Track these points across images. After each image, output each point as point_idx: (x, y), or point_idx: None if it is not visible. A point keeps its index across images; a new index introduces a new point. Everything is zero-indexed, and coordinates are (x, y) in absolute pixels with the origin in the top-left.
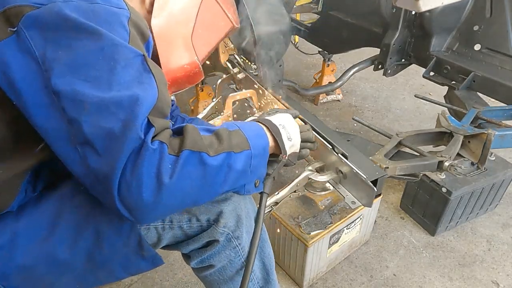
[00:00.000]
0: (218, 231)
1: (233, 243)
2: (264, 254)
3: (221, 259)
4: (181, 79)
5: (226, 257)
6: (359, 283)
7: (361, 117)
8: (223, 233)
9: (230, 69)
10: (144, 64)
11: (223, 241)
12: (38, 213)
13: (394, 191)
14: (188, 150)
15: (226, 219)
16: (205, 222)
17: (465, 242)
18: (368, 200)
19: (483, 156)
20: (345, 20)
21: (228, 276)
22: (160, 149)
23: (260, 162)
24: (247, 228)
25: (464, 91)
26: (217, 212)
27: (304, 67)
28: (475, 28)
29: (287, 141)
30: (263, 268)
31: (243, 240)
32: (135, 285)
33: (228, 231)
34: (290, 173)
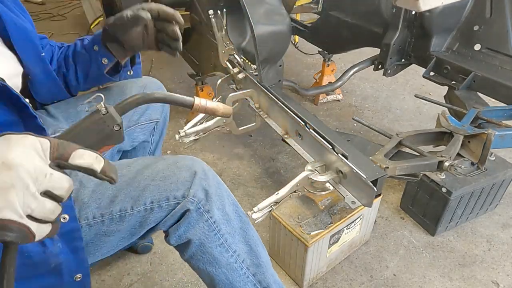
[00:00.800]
0: (189, 200)
1: (205, 216)
2: (248, 236)
3: (196, 232)
4: None
5: (200, 231)
6: (359, 283)
7: (361, 117)
8: (193, 202)
9: (230, 69)
10: None
11: (193, 211)
12: None
13: (394, 191)
14: None
15: (195, 190)
16: (180, 198)
17: (465, 242)
18: (368, 200)
19: (483, 156)
20: (345, 20)
21: (210, 254)
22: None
23: None
24: (218, 206)
25: (464, 91)
26: (187, 186)
27: (304, 67)
28: (475, 28)
29: None
30: (250, 252)
31: (215, 216)
32: (135, 285)
33: (197, 201)
34: (290, 173)
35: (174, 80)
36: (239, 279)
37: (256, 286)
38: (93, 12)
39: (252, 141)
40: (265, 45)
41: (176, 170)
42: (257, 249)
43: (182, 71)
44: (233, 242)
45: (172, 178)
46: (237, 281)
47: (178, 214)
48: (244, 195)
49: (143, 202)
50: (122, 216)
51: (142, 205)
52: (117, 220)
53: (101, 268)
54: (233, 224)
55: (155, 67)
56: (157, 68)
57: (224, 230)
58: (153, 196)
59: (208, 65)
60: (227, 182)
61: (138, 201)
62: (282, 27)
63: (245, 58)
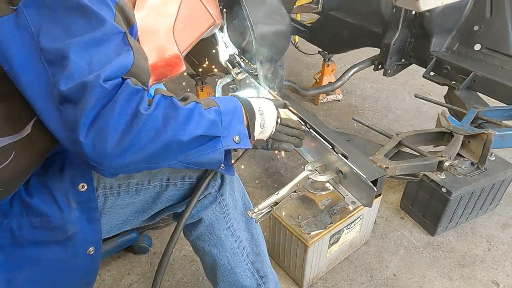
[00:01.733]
0: (210, 185)
1: (218, 199)
2: (251, 224)
3: (208, 213)
4: (162, 69)
5: (212, 212)
6: (359, 283)
7: (361, 117)
8: (213, 185)
9: (230, 69)
10: (124, 39)
11: (213, 194)
12: None
13: (394, 191)
14: (159, 95)
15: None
16: (195, 179)
17: (465, 242)
18: (368, 200)
19: (483, 156)
20: (345, 20)
21: (217, 236)
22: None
23: (233, 119)
24: (229, 191)
25: (464, 91)
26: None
27: (304, 67)
28: (475, 28)
29: (259, 127)
30: (251, 240)
31: (227, 200)
32: (135, 285)
33: (217, 184)
34: (290, 173)
35: (174, 80)
36: (239, 265)
37: (253, 274)
38: None
39: None
40: (265, 45)
41: None
42: (258, 238)
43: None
44: (238, 228)
45: None
46: (237, 266)
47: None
48: None
49: (160, 178)
50: (138, 190)
51: (158, 180)
52: (133, 193)
53: (101, 268)
54: (239, 211)
55: None
56: None
57: (232, 214)
58: (170, 174)
59: (208, 65)
60: None
61: (155, 176)
62: (282, 27)
63: (245, 58)
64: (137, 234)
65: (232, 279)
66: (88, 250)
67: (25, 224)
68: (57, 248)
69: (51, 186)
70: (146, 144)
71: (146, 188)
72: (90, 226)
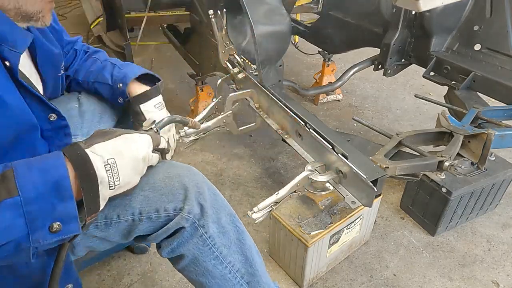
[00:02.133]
0: (184, 217)
1: (199, 231)
2: (245, 246)
3: (190, 248)
4: None
5: (194, 246)
6: (359, 283)
7: (361, 117)
8: (188, 219)
9: (230, 69)
10: None
11: (189, 228)
12: None
13: (394, 191)
14: None
15: (189, 206)
16: (171, 212)
17: (465, 242)
18: (368, 200)
19: (483, 156)
20: (345, 20)
21: (204, 267)
22: None
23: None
24: (213, 220)
25: (464, 91)
26: (181, 199)
27: (304, 67)
28: (475, 28)
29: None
30: (245, 262)
31: (210, 230)
32: (135, 285)
33: (193, 218)
34: (290, 173)
35: (174, 80)
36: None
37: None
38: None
39: (252, 141)
40: (265, 45)
41: (168, 181)
42: (253, 258)
43: (182, 71)
44: (228, 254)
45: (164, 189)
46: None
47: (172, 229)
48: (244, 195)
49: (131, 212)
50: (107, 224)
51: (129, 214)
52: (103, 227)
53: (101, 268)
54: (229, 236)
55: (155, 67)
56: (157, 68)
57: (219, 243)
58: (142, 207)
59: (208, 65)
60: (227, 182)
61: (125, 210)
62: (282, 27)
63: (245, 58)
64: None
65: None
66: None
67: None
68: None
69: None
70: None
71: (116, 222)
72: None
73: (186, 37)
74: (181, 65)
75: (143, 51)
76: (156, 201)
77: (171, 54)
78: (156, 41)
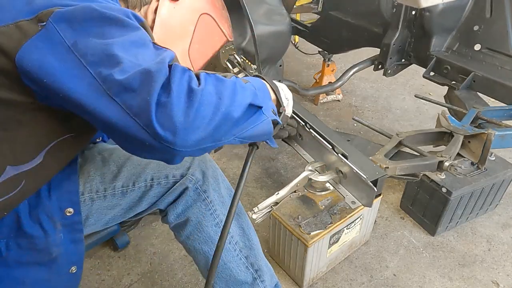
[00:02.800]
0: (188, 178)
1: (202, 196)
2: (241, 219)
3: (194, 212)
4: None
5: (198, 210)
6: (359, 283)
7: (361, 117)
8: (191, 180)
9: (230, 69)
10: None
11: (192, 190)
12: None
13: (394, 191)
14: (204, 73)
15: (193, 169)
16: (179, 177)
17: (465, 242)
18: (368, 200)
19: (483, 156)
20: (345, 20)
21: (206, 234)
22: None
23: (265, 95)
24: (214, 187)
25: (464, 91)
26: (187, 166)
27: (304, 67)
28: (475, 28)
29: (285, 99)
30: (243, 235)
31: (211, 196)
32: (135, 285)
33: (195, 180)
34: (290, 173)
35: None
36: (232, 260)
37: (248, 268)
38: None
39: None
40: (265, 45)
41: None
42: (250, 232)
43: None
44: None
45: None
46: (230, 261)
47: (177, 192)
48: (244, 195)
49: (144, 179)
50: (123, 192)
51: (143, 181)
52: (119, 196)
53: (101, 268)
54: (227, 206)
55: None
56: None
57: (219, 211)
58: (154, 173)
59: (208, 65)
60: None
61: (139, 177)
62: (282, 27)
63: (245, 58)
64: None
65: (227, 274)
66: (71, 269)
67: (13, 245)
68: (42, 268)
69: (39, 209)
70: (210, 118)
71: (131, 190)
72: (74, 246)
73: None
74: None
75: None
76: (166, 168)
77: None
78: None
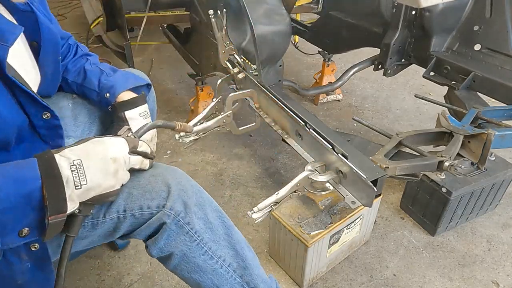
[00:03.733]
0: (165, 213)
1: (185, 229)
2: (234, 240)
3: (178, 245)
4: None
5: (182, 243)
6: (359, 283)
7: (361, 117)
8: (169, 215)
9: (230, 69)
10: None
11: (171, 225)
12: None
13: (394, 191)
14: None
15: (171, 202)
16: (155, 209)
17: (465, 242)
18: (368, 200)
19: (483, 156)
20: (345, 20)
21: (194, 263)
22: None
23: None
24: (199, 216)
25: (464, 91)
26: (163, 196)
27: (304, 67)
28: (475, 28)
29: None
30: (236, 256)
31: (196, 226)
32: (135, 285)
33: (174, 214)
34: (290, 173)
35: (174, 80)
36: (226, 283)
37: (244, 287)
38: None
39: (252, 141)
40: (265, 45)
41: (152, 179)
42: (243, 252)
43: (182, 71)
44: (218, 248)
45: (147, 187)
46: (224, 285)
47: (155, 225)
48: (244, 195)
49: (116, 210)
50: (94, 224)
51: (115, 212)
52: (89, 228)
53: (101, 268)
54: (218, 231)
55: (155, 67)
56: (157, 68)
57: (207, 238)
58: (126, 204)
59: (208, 65)
60: (227, 182)
61: (110, 208)
62: (282, 27)
63: (245, 58)
64: None
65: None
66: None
67: None
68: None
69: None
70: None
71: (102, 222)
72: (43, 274)
73: (186, 37)
74: (181, 65)
75: (143, 51)
76: (139, 198)
77: (171, 54)
78: (156, 41)
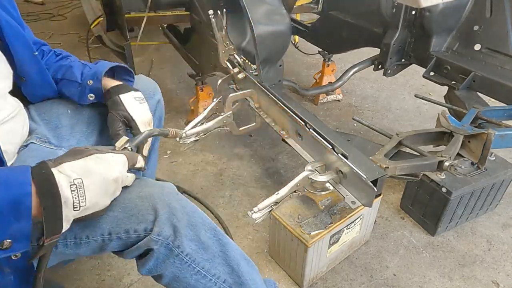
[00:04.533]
0: (153, 240)
1: (174, 252)
2: (229, 257)
3: (167, 267)
4: None
5: (172, 266)
6: (359, 283)
7: (361, 117)
8: (157, 241)
9: (230, 69)
10: None
11: (159, 249)
12: None
13: (394, 191)
14: None
15: (159, 228)
16: (142, 233)
17: (465, 242)
18: (368, 200)
19: (483, 156)
20: (345, 20)
21: (186, 283)
22: None
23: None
24: (191, 237)
25: (464, 91)
26: (150, 220)
27: (304, 67)
28: (475, 28)
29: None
30: (232, 272)
31: (188, 249)
32: (135, 285)
33: (163, 239)
34: (290, 173)
35: (174, 80)
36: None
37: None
38: (93, 12)
39: (252, 141)
40: (265, 45)
41: (139, 201)
42: (239, 268)
43: (182, 71)
44: (212, 267)
45: (134, 210)
46: None
47: (143, 249)
48: (244, 195)
49: (100, 233)
50: (77, 243)
51: (99, 235)
52: (72, 246)
53: (101, 268)
54: (212, 250)
55: (155, 67)
56: (157, 68)
57: (200, 258)
58: (111, 228)
59: (208, 65)
60: (227, 182)
61: (94, 231)
62: (282, 27)
63: (245, 58)
64: None
65: None
66: None
67: None
68: None
69: None
70: None
71: (86, 242)
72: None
73: (186, 37)
74: (181, 65)
75: (143, 51)
76: (125, 222)
77: (171, 54)
78: (156, 41)
